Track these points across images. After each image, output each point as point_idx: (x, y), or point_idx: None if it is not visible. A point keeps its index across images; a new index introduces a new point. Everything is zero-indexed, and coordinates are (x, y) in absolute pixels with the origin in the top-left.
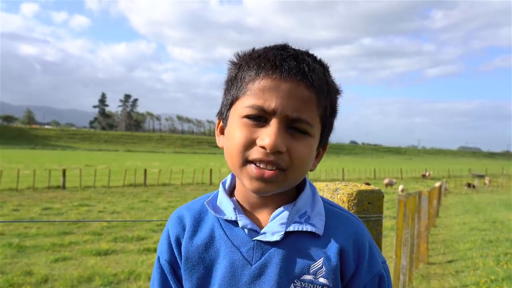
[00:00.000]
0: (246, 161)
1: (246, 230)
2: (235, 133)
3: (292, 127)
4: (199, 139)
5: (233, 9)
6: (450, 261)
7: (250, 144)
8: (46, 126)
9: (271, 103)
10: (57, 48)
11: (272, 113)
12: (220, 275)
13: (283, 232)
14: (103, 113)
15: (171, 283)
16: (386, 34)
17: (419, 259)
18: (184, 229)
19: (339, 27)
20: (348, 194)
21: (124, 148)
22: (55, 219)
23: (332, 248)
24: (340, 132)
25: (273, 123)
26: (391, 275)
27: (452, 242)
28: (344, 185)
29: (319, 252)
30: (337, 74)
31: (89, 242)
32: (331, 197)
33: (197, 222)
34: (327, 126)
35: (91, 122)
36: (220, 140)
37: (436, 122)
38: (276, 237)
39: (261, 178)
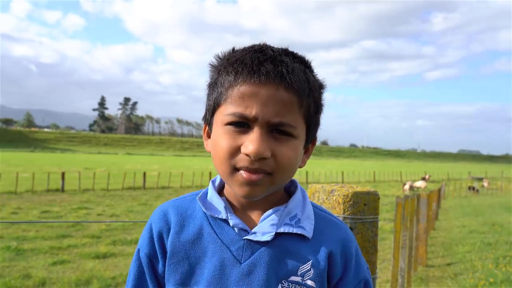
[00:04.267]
0: (234, 169)
1: (236, 229)
2: (219, 141)
3: (275, 130)
4: (198, 142)
5: (230, 11)
6: (449, 264)
7: (235, 151)
8: (46, 129)
9: (252, 110)
10: (52, 49)
11: (253, 120)
12: (208, 273)
13: (273, 233)
14: (102, 116)
15: (147, 276)
16: (385, 37)
17: (418, 262)
18: (167, 224)
19: (338, 30)
20: (344, 195)
21: (124, 151)
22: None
23: (321, 251)
24: (340, 135)
25: (256, 129)
26: (389, 277)
27: (451, 245)
28: (340, 187)
29: (308, 255)
30: (337, 77)
31: (87, 245)
32: (326, 198)
33: (184, 218)
34: (312, 124)
35: (91, 125)
36: (208, 145)
37: (437, 125)
38: (267, 237)
39: (249, 182)
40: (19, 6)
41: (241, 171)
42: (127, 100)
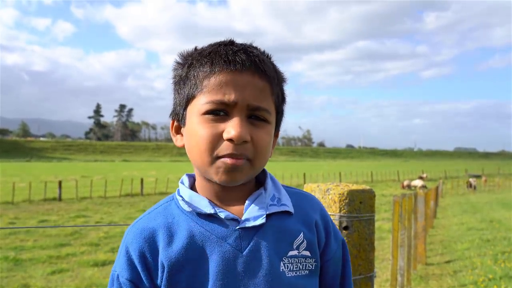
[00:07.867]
0: (216, 158)
1: (227, 221)
2: (198, 131)
3: (252, 116)
4: None
5: (221, 14)
6: (448, 261)
7: (216, 140)
8: (41, 138)
9: (231, 96)
10: (44, 57)
11: (233, 105)
12: (213, 270)
13: (265, 215)
14: (98, 124)
15: None
16: (378, 37)
17: (417, 260)
18: (148, 242)
19: (330, 31)
20: (340, 194)
21: (120, 158)
22: (51, 231)
23: (307, 222)
24: (337, 137)
25: (236, 114)
26: (389, 276)
27: (450, 243)
28: (336, 185)
29: (298, 228)
30: (331, 78)
31: (86, 253)
32: (322, 197)
33: (169, 228)
34: (280, 113)
35: (87, 133)
36: (177, 140)
37: (433, 123)
38: (261, 221)
39: (232, 168)
40: (7, 14)
41: (225, 158)
42: (122, 107)
